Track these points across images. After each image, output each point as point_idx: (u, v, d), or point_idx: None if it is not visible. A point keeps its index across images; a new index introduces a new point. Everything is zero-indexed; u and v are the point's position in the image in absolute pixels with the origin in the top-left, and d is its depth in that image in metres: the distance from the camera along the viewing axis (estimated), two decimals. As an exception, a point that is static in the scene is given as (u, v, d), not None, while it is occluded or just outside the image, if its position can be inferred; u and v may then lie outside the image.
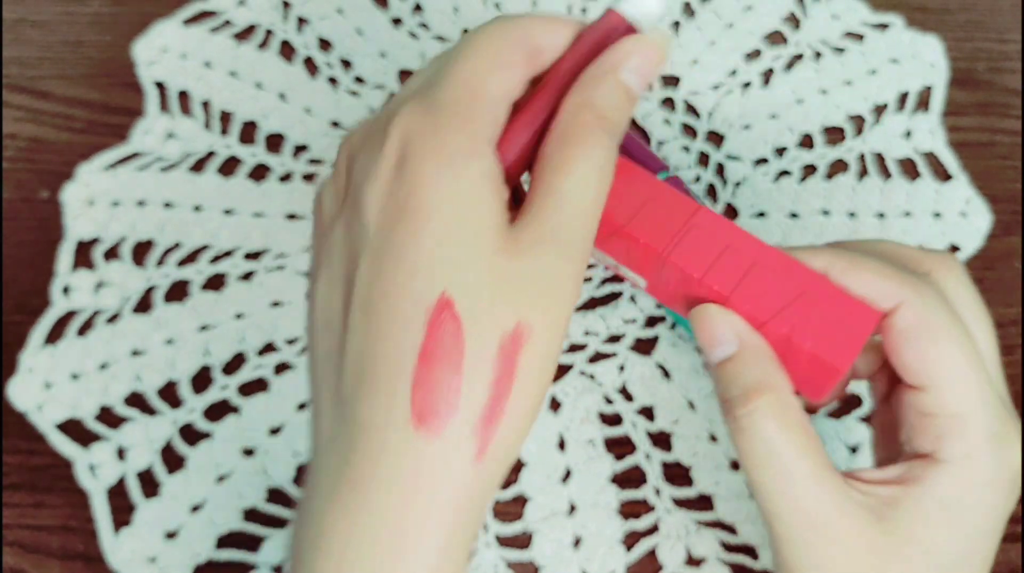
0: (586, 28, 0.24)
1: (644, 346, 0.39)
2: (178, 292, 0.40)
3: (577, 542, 0.35)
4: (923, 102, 0.45)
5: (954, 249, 0.41)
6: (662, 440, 0.37)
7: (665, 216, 0.25)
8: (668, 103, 0.45)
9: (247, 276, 0.40)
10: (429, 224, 0.20)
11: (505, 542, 0.35)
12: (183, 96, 0.45)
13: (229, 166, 0.43)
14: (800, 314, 0.23)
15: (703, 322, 0.24)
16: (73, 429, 0.37)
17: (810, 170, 0.43)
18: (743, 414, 0.22)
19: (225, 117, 0.44)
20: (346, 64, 0.46)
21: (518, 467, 0.36)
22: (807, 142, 0.44)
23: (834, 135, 0.44)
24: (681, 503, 0.36)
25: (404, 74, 0.46)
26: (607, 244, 0.25)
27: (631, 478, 0.36)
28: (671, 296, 0.25)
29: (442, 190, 0.20)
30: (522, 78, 0.22)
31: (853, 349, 0.22)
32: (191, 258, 0.40)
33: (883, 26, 0.47)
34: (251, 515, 0.35)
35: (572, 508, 0.36)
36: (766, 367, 0.23)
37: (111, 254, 0.40)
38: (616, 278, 0.40)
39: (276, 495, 0.36)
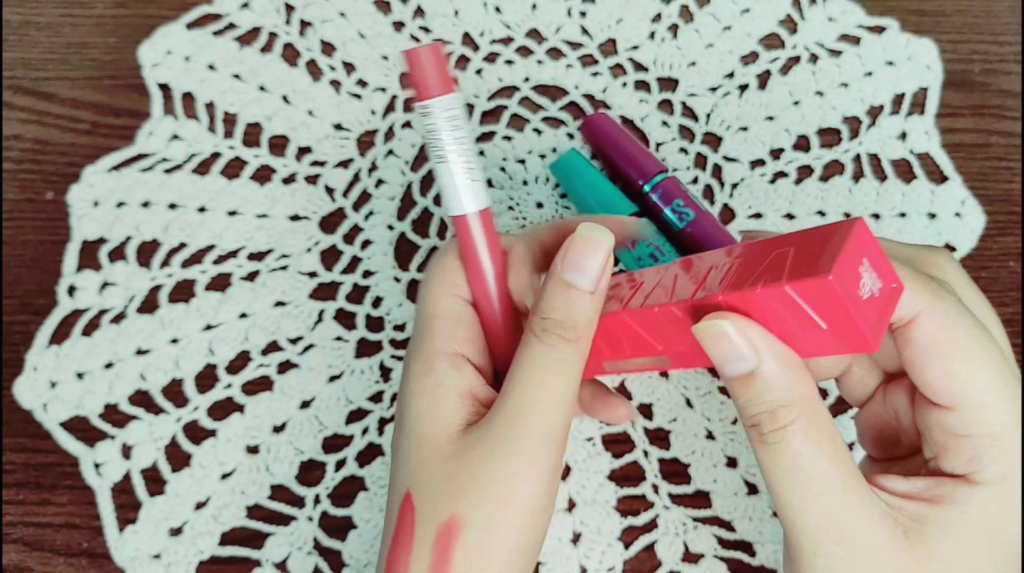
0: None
1: (643, 345, 0.39)
2: (183, 292, 0.40)
3: (576, 538, 0.35)
4: (918, 104, 0.46)
5: (949, 249, 0.42)
6: (660, 437, 0.37)
7: (641, 289, 0.25)
8: (666, 105, 0.45)
9: (251, 276, 0.41)
10: (403, 433, 0.25)
11: (505, 538, 0.36)
12: (187, 98, 0.45)
13: (233, 168, 0.43)
14: (775, 267, 0.20)
15: (712, 337, 0.21)
16: (78, 427, 0.37)
17: (806, 171, 0.44)
18: (770, 432, 0.21)
19: (229, 119, 0.45)
20: (349, 67, 0.47)
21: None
22: (803, 144, 0.45)
23: (830, 137, 0.45)
24: (679, 500, 0.36)
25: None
26: (614, 354, 0.26)
27: (629, 475, 0.37)
28: (693, 353, 0.23)
29: (408, 406, 0.25)
30: (467, 289, 0.27)
31: (832, 258, 0.19)
32: (195, 258, 0.41)
33: (879, 29, 0.48)
34: (255, 512, 0.36)
35: (571, 505, 0.36)
36: (791, 378, 0.21)
37: (116, 254, 0.41)
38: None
39: (279, 492, 0.36)
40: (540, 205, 0.42)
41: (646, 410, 0.38)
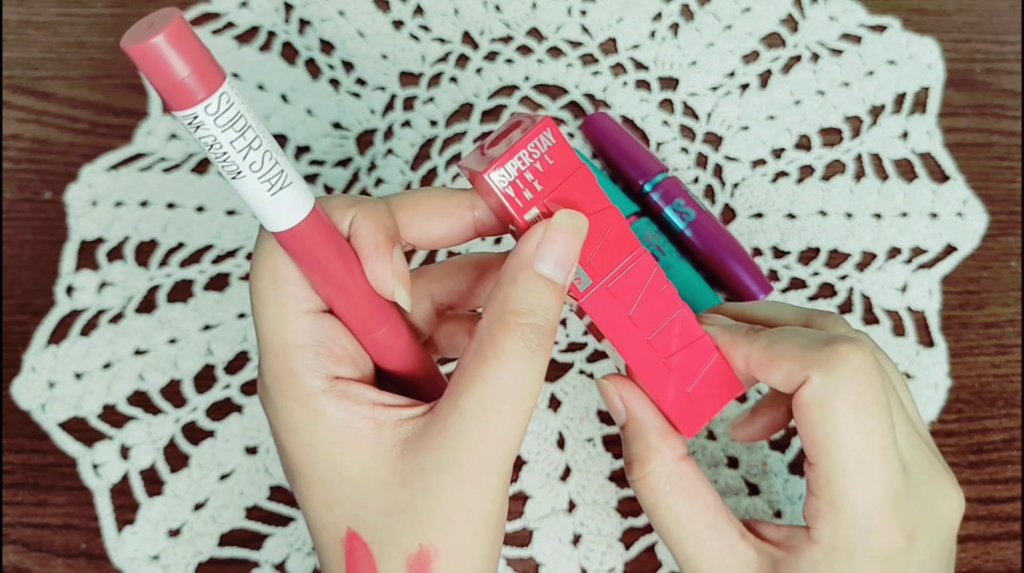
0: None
1: (643, 345, 0.39)
2: (181, 292, 0.40)
3: (576, 539, 0.35)
4: (920, 103, 0.46)
5: (951, 249, 0.42)
6: (661, 439, 0.37)
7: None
8: (667, 105, 0.45)
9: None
10: (318, 484, 0.22)
11: (505, 540, 0.35)
12: (185, 97, 0.45)
13: (231, 167, 0.43)
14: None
15: (601, 393, 0.26)
16: (76, 428, 0.37)
17: (807, 171, 0.44)
18: (631, 479, 0.25)
19: (227, 118, 0.44)
20: (348, 66, 0.46)
21: (519, 465, 0.37)
22: (804, 143, 0.44)
23: (831, 136, 0.45)
24: (680, 501, 0.36)
25: (405, 76, 0.46)
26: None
27: (630, 476, 0.36)
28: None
29: (310, 456, 0.22)
30: (313, 295, 0.22)
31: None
32: (194, 258, 0.41)
33: (880, 28, 0.48)
34: (253, 513, 0.36)
35: (571, 506, 0.36)
36: (647, 440, 0.25)
37: (114, 254, 0.41)
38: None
39: (278, 493, 0.36)
40: (540, 205, 0.42)
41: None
